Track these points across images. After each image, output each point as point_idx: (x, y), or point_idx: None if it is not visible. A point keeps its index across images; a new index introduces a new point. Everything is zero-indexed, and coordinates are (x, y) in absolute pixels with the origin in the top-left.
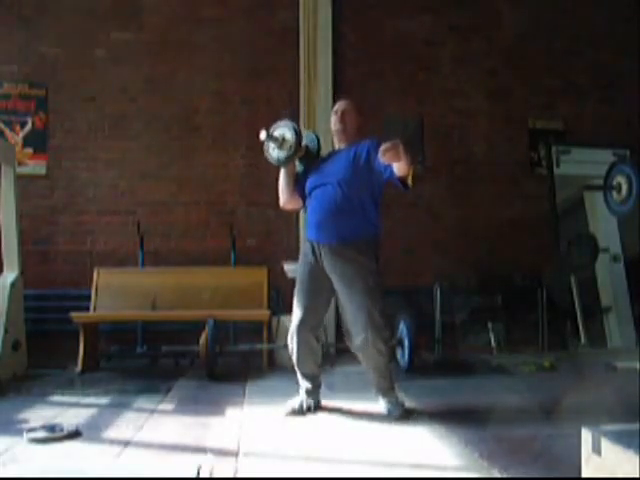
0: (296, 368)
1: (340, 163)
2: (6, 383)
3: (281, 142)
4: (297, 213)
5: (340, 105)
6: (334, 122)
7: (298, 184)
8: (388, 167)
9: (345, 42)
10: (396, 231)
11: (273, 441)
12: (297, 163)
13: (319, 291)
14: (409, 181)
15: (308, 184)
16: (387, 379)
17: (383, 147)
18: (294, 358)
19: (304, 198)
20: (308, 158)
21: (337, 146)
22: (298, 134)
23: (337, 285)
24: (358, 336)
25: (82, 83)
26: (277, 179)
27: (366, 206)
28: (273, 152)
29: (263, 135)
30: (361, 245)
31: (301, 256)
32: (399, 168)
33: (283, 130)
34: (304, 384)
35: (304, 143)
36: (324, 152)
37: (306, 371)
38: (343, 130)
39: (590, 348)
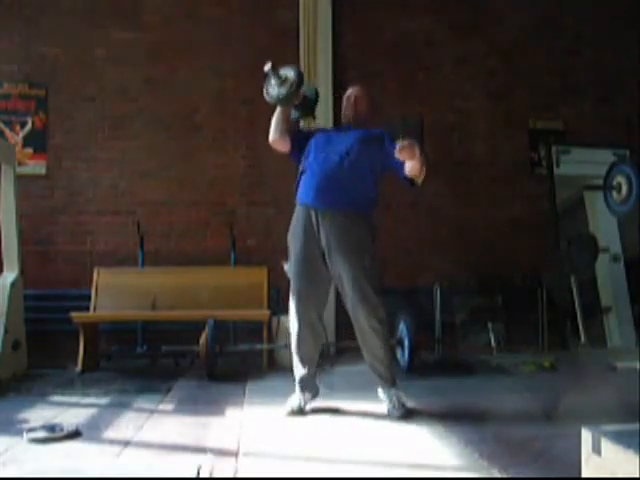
0: (294, 351)
1: (349, 138)
2: (6, 383)
3: (283, 80)
4: None
5: (353, 91)
6: (346, 107)
7: (296, 134)
8: (399, 162)
9: (345, 42)
10: (396, 231)
11: (273, 441)
12: (293, 110)
13: (316, 265)
14: (418, 181)
15: (312, 149)
16: (385, 365)
17: (400, 145)
18: (293, 339)
19: (294, 146)
20: (305, 107)
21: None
22: (300, 76)
23: (331, 259)
24: (352, 312)
25: (82, 83)
26: (278, 178)
27: (367, 181)
28: (273, 90)
29: (267, 67)
30: (360, 217)
31: (292, 225)
32: (412, 167)
33: (287, 70)
34: (300, 371)
35: (304, 91)
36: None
37: (306, 354)
38: (354, 116)
39: (590, 348)
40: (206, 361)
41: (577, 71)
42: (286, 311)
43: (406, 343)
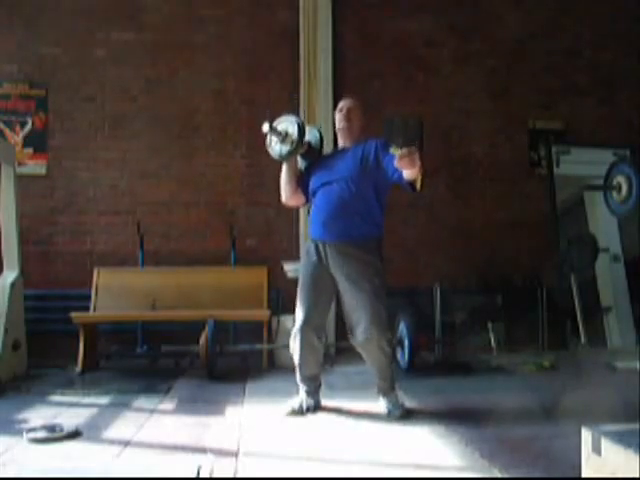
0: (297, 369)
1: (347, 162)
2: (6, 383)
3: (284, 136)
4: (297, 212)
5: (345, 103)
6: (339, 120)
7: (301, 181)
8: (397, 170)
9: (345, 42)
10: (396, 231)
11: (273, 441)
12: (300, 159)
13: (322, 291)
14: (418, 185)
15: (313, 182)
16: (387, 380)
17: (400, 153)
18: (296, 359)
19: (307, 195)
20: (311, 154)
21: (341, 144)
22: (301, 129)
23: (342, 284)
24: (362, 334)
25: (82, 83)
26: (278, 178)
27: (372, 206)
28: (276, 146)
29: (265, 128)
30: (367, 244)
31: (303, 256)
32: (409, 173)
33: (286, 124)
34: (304, 387)
35: (307, 139)
36: (326, 149)
37: (307, 372)
38: (349, 128)
39: (590, 348)
40: (206, 361)
41: (577, 71)
42: (286, 311)
43: (406, 343)
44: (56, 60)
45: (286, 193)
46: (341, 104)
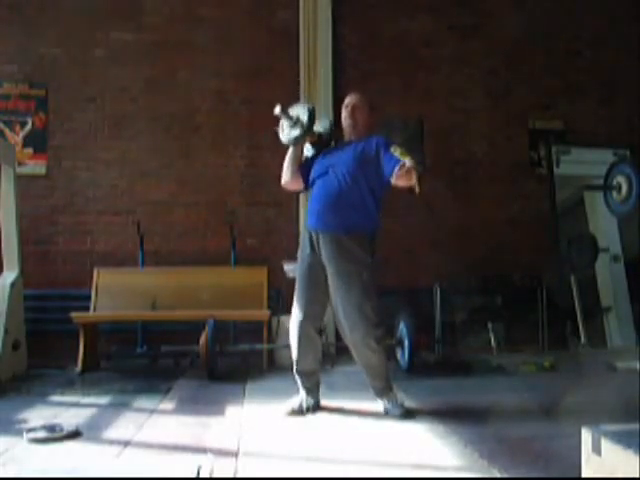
0: (295, 365)
1: (347, 155)
2: (6, 383)
3: (295, 122)
4: (297, 212)
5: (351, 100)
6: (344, 117)
7: (304, 167)
8: (392, 170)
9: (345, 42)
10: (396, 231)
11: (273, 441)
12: (309, 147)
13: (317, 284)
14: (416, 190)
15: (313, 172)
16: (382, 379)
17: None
18: (294, 353)
19: (307, 182)
20: (321, 144)
21: (347, 137)
22: (312, 116)
23: (331, 278)
24: (349, 332)
25: (82, 83)
26: (278, 178)
27: (367, 200)
28: (285, 131)
29: (277, 110)
30: (359, 238)
31: (300, 247)
32: (402, 182)
33: (299, 111)
34: (303, 383)
35: (318, 129)
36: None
37: (305, 367)
38: (353, 125)
39: (590, 348)
40: (206, 361)
41: (577, 71)
42: (286, 311)
43: (406, 343)
44: (56, 60)
45: (286, 176)
46: (347, 100)
